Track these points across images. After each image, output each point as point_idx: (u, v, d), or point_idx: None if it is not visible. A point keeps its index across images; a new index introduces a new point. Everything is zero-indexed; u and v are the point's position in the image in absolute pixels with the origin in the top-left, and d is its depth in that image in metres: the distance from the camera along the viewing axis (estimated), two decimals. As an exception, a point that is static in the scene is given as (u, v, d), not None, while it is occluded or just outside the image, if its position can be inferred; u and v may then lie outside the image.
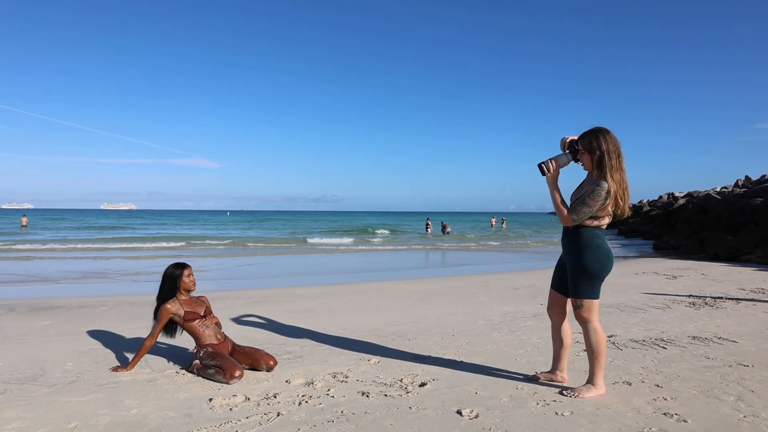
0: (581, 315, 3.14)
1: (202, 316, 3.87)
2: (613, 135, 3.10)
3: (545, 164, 3.21)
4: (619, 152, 3.06)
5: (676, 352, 4.26)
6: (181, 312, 3.83)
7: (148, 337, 3.82)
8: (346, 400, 3.15)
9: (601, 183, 3.02)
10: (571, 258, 3.16)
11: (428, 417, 2.86)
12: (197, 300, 4.00)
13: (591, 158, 3.11)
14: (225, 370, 3.48)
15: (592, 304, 3.11)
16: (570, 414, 2.89)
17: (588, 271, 3.08)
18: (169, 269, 3.96)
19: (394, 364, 3.96)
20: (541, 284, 8.81)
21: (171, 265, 4.01)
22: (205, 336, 3.80)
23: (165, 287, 3.93)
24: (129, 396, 3.24)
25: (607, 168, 3.02)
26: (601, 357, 3.14)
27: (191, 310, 3.86)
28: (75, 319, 5.84)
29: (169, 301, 3.84)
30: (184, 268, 3.94)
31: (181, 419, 2.86)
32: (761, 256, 12.72)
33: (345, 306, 6.76)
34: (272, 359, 3.77)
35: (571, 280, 3.17)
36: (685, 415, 2.88)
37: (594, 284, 3.11)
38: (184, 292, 3.92)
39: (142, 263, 14.39)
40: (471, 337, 4.88)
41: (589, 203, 3.03)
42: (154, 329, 3.83)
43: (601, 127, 3.13)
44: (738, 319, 5.65)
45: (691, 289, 8.13)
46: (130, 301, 7.15)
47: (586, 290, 3.10)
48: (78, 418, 2.88)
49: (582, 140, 3.16)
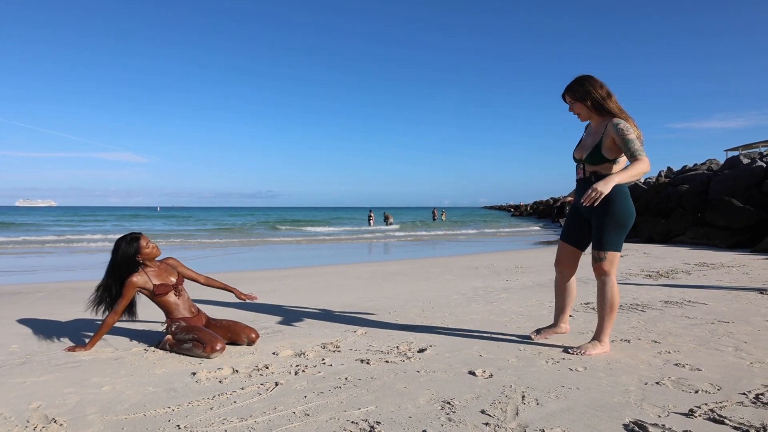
0: (602, 268, 3.04)
1: (174, 286, 3.46)
2: (596, 78, 3.09)
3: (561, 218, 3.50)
4: (608, 91, 3.04)
5: (655, 314, 4.30)
6: (149, 285, 3.39)
7: (109, 314, 3.36)
8: (345, 367, 2.90)
9: (616, 122, 2.93)
10: (599, 209, 3.02)
11: (441, 379, 2.67)
12: (165, 267, 3.54)
13: (584, 105, 3.08)
14: (204, 343, 3.13)
15: (614, 256, 3.03)
16: (584, 369, 2.79)
17: (618, 220, 2.99)
18: (122, 247, 3.38)
19: (383, 333, 3.74)
20: (499, 264, 8.86)
21: (120, 239, 3.44)
22: (179, 309, 3.42)
23: (121, 269, 3.39)
24: (95, 374, 2.83)
25: (607, 107, 3.00)
26: (614, 313, 3.07)
27: (162, 282, 3.42)
28: (10, 305, 5.20)
29: (135, 273, 3.38)
30: (139, 240, 3.42)
31: (165, 393, 2.51)
32: (692, 237, 13.49)
33: (309, 286, 6.45)
34: (254, 332, 3.44)
35: (597, 232, 3.05)
36: (695, 364, 2.85)
37: (621, 235, 3.02)
38: (149, 263, 3.47)
39: (76, 258, 13.33)
40: (450, 308, 4.73)
41: (630, 138, 2.86)
42: (117, 305, 3.36)
43: (583, 75, 3.12)
44: (696, 286, 5.85)
45: (640, 265, 8.41)
46: (70, 287, 6.50)
47: (612, 241, 3.01)
48: (39, 398, 2.47)
49: (569, 92, 3.13)
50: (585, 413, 2.18)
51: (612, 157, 3.02)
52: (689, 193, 15.52)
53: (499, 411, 2.21)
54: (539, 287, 6.02)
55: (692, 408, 2.21)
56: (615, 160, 3.03)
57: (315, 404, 2.33)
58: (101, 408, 2.33)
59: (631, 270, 7.63)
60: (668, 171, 26.06)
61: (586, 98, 3.05)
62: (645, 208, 17.86)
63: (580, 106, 3.10)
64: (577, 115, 3.18)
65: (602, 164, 3.05)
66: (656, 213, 16.44)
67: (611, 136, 2.95)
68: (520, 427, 2.04)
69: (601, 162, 3.04)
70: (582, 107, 3.10)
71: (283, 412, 2.23)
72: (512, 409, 2.24)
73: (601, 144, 2.99)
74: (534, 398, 2.36)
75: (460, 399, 2.36)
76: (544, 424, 2.07)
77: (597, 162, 3.05)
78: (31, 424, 2.16)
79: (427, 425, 2.08)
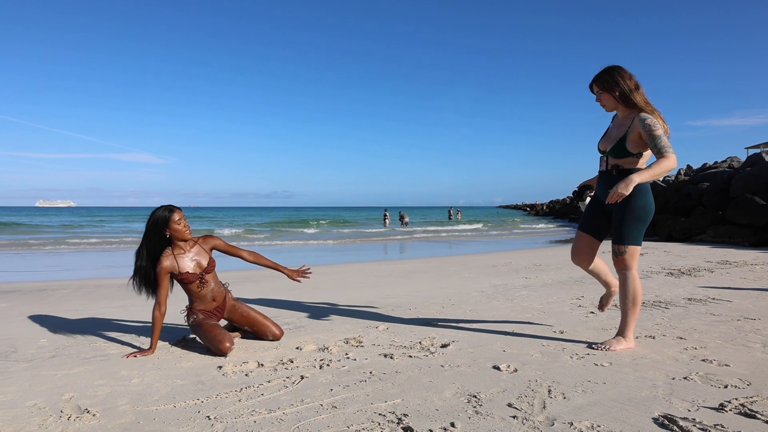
0: (624, 261, 3.03)
1: (200, 275, 3.30)
2: (626, 69, 3.07)
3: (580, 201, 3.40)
4: (637, 83, 3.02)
5: (679, 311, 4.25)
6: (176, 270, 3.25)
7: (154, 308, 3.22)
8: (369, 362, 2.92)
9: (643, 116, 2.91)
10: (620, 203, 3.01)
11: (466, 373, 2.67)
12: (198, 249, 3.34)
13: (612, 96, 3.05)
14: (211, 345, 3.11)
15: (635, 250, 3.01)
16: (609, 365, 2.77)
17: (639, 215, 2.98)
18: (157, 213, 3.23)
19: (405, 329, 3.75)
20: (517, 263, 8.81)
21: (157, 208, 3.29)
22: (201, 299, 3.33)
23: (150, 236, 3.23)
24: (124, 368, 2.88)
25: (634, 99, 2.97)
26: (637, 308, 3.05)
27: (188, 269, 3.27)
28: (37, 301, 5.31)
29: (164, 257, 3.23)
30: (173, 212, 3.24)
31: (193, 386, 2.55)
32: (713, 236, 13.28)
33: (330, 283, 6.49)
34: (279, 328, 3.44)
35: (618, 226, 3.04)
36: (723, 360, 2.81)
37: (641, 229, 3.01)
38: (177, 243, 3.29)
39: (98, 256, 13.55)
40: (471, 305, 4.73)
41: (657, 134, 2.84)
42: (158, 295, 3.22)
43: (613, 65, 3.10)
44: (720, 284, 5.77)
45: (661, 263, 8.31)
46: (94, 284, 6.61)
47: (632, 235, 3.00)
48: (71, 389, 2.52)
49: (597, 82, 3.11)
50: (613, 407, 2.17)
51: (636, 151, 2.98)
52: (710, 191, 15.29)
53: (526, 404, 2.21)
54: (559, 284, 5.98)
55: (722, 402, 2.18)
56: (639, 155, 3.00)
57: (342, 397, 2.34)
58: (132, 399, 2.37)
59: (652, 268, 7.55)
60: (688, 169, 25.71)
61: (615, 89, 3.02)
62: (665, 206, 17.63)
63: (608, 97, 3.07)
64: (603, 106, 3.15)
65: (626, 158, 3.02)
66: (676, 211, 16.23)
67: (637, 130, 2.92)
68: (548, 420, 2.04)
69: (625, 156, 3.01)
70: (609, 98, 3.07)
71: (311, 405, 2.25)
72: (539, 402, 2.23)
73: (626, 137, 2.97)
74: (560, 392, 2.35)
75: (486, 393, 2.36)
76: (572, 417, 2.07)
77: (621, 155, 3.02)
78: (65, 414, 2.20)
79: (454, 417, 2.08)
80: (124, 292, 5.81)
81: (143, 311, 4.58)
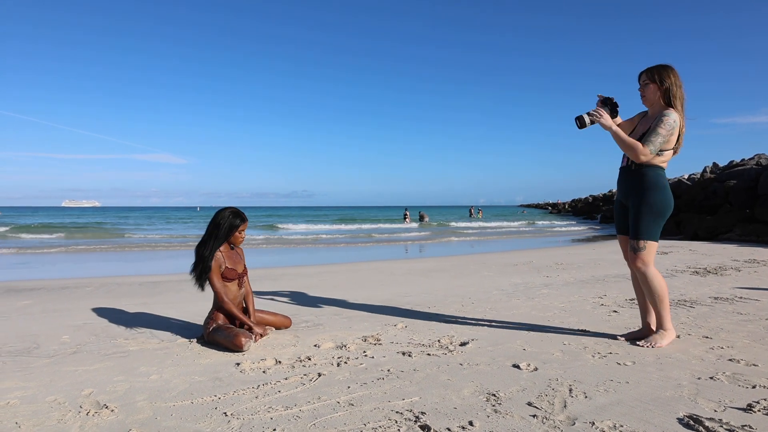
0: (642, 258, 2.99)
1: (240, 275, 3.49)
2: (677, 72, 3.04)
3: (582, 117, 3.09)
4: (681, 87, 3.00)
5: (705, 310, 4.15)
6: (222, 266, 3.42)
7: (219, 302, 3.37)
8: (387, 360, 2.89)
9: (667, 112, 2.90)
10: (636, 198, 3.01)
11: (485, 372, 2.63)
12: (235, 254, 3.57)
13: (658, 88, 3.02)
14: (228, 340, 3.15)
15: (652, 246, 2.99)
16: (633, 364, 2.71)
17: (654, 210, 2.96)
18: (230, 217, 3.45)
19: (423, 327, 3.72)
20: (538, 261, 8.70)
21: (229, 211, 3.49)
22: (231, 299, 3.43)
23: (218, 235, 3.41)
24: (143, 364, 2.91)
25: (673, 99, 2.95)
26: (665, 300, 3.01)
27: (231, 267, 3.45)
28: (59, 298, 5.40)
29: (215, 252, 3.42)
30: (244, 222, 3.49)
31: (211, 383, 2.56)
32: (740, 234, 12.96)
33: (348, 282, 6.48)
34: (286, 318, 3.78)
35: (633, 221, 3.02)
36: (750, 360, 2.73)
37: (658, 223, 2.98)
38: (227, 246, 3.51)
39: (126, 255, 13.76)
40: (491, 303, 4.67)
41: (660, 132, 2.90)
42: (218, 290, 3.37)
43: (669, 64, 3.08)
44: (747, 282, 5.62)
45: (686, 262, 8.13)
46: (116, 282, 6.70)
47: (648, 230, 2.97)
48: (91, 385, 2.54)
49: (649, 72, 3.07)
50: (636, 407, 2.11)
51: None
52: (737, 189, 14.92)
53: (546, 403, 2.16)
54: (581, 284, 5.89)
55: (750, 403, 2.11)
56: (660, 152, 2.95)
57: (359, 394, 2.32)
58: (150, 395, 2.39)
59: (677, 267, 7.39)
60: (714, 166, 25.18)
61: (665, 82, 3.00)
62: (690, 204, 17.27)
63: (654, 89, 3.05)
64: (643, 96, 3.12)
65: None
66: (701, 209, 15.89)
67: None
68: (569, 420, 1.99)
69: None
70: (655, 90, 3.05)
71: (328, 402, 2.24)
72: (560, 401, 2.18)
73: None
74: (582, 391, 2.30)
75: (506, 391, 2.32)
76: (594, 416, 2.01)
77: None
78: (84, 409, 2.22)
79: (473, 416, 2.05)
80: (146, 290, 5.89)
81: (164, 308, 4.63)
